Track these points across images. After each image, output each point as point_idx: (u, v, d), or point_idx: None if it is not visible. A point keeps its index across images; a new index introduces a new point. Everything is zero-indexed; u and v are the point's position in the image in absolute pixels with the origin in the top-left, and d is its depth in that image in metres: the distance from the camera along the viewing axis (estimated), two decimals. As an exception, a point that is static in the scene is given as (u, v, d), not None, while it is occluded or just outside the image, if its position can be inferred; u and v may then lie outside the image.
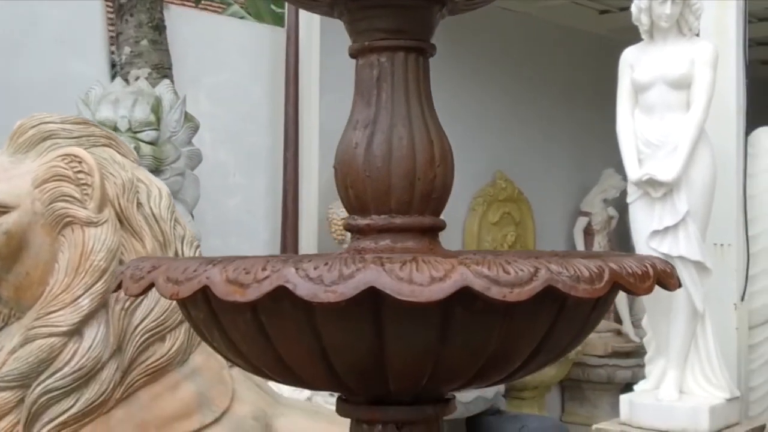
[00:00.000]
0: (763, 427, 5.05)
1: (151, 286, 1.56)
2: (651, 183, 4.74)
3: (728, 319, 5.16)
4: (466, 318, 1.49)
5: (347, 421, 3.38)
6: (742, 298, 5.24)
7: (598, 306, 1.64)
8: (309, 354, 1.55)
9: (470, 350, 1.54)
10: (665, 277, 1.60)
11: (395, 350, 1.51)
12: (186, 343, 3.11)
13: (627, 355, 8.96)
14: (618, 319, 9.32)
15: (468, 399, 6.24)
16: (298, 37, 6.91)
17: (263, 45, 7.08)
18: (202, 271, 1.48)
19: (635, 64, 4.91)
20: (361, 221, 1.77)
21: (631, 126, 4.88)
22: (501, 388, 7.15)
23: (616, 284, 1.50)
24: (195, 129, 5.80)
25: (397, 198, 1.74)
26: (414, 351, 1.52)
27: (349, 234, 1.82)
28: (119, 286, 1.66)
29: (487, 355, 1.55)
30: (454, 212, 7.88)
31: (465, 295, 1.41)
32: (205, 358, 3.16)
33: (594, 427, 5.09)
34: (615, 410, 8.49)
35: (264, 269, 1.43)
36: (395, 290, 1.38)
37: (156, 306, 3.04)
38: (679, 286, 1.67)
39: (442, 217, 1.82)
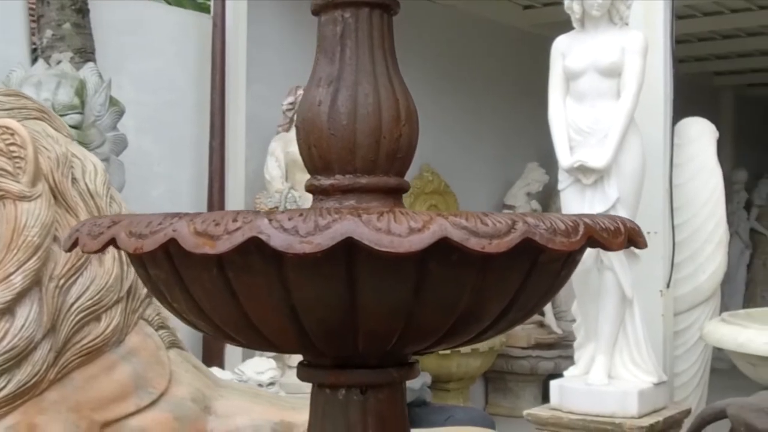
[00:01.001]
0: (689, 411, 5.15)
1: (111, 242, 1.49)
2: (582, 170, 4.79)
3: (655, 306, 5.24)
4: (441, 272, 1.46)
5: (288, 402, 3.32)
6: (668, 285, 5.33)
7: (567, 264, 1.63)
8: (277, 311, 1.50)
9: (443, 306, 1.51)
10: (634, 235, 1.60)
11: (368, 306, 1.47)
12: (122, 322, 3.03)
13: (549, 346, 9.07)
14: (540, 312, 9.43)
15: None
16: (225, 25, 6.81)
17: (189, 32, 6.95)
18: (168, 224, 1.42)
19: (567, 52, 4.95)
20: (325, 181, 1.73)
21: (562, 113, 4.92)
22: (427, 379, 7.15)
23: (591, 238, 1.48)
24: (120, 114, 5.67)
25: (362, 157, 1.70)
26: (387, 307, 1.48)
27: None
28: (74, 245, 1.58)
29: (460, 311, 1.52)
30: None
31: (441, 248, 1.38)
32: (142, 338, 3.08)
33: (525, 412, 5.11)
34: (538, 401, 8.60)
35: (235, 221, 1.38)
36: (374, 241, 1.34)
37: (92, 284, 2.95)
38: (646, 246, 1.67)
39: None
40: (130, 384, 3.02)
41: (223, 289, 1.50)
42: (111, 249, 3.02)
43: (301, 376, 1.75)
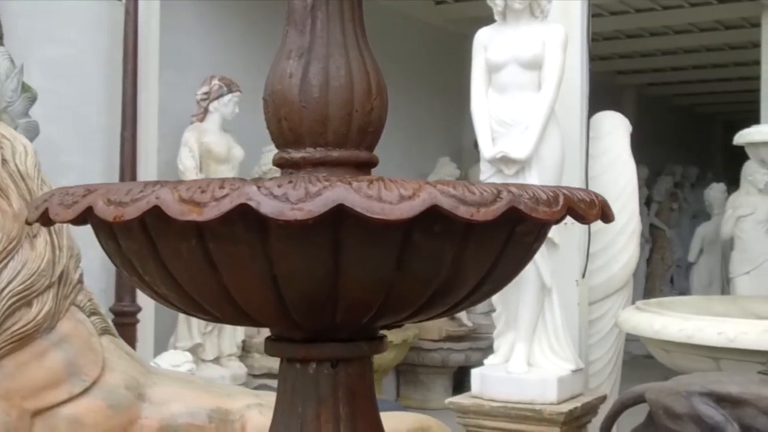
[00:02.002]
0: (604, 397, 5.27)
1: (88, 210, 1.45)
2: (504, 160, 4.85)
3: (571, 295, 5.34)
4: (424, 243, 1.46)
5: (222, 389, 3.28)
6: (583, 275, 5.45)
7: (539, 237, 1.65)
8: (258, 282, 1.48)
9: (423, 277, 1.52)
10: (606, 207, 1.63)
11: (351, 277, 1.47)
12: (54, 308, 2.94)
13: (460, 339, 9.17)
14: (451, 305, 9.50)
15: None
16: (137, 12, 6.67)
17: (100, 18, 6.79)
18: (150, 192, 1.39)
19: (489, 44, 5.01)
20: (296, 154, 1.72)
21: (484, 105, 4.98)
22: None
23: (570, 209, 1.51)
24: (33, 100, 5.49)
25: (334, 130, 1.69)
26: (370, 278, 1.48)
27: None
28: (43, 216, 1.53)
29: (439, 282, 1.53)
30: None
31: (426, 218, 1.39)
32: (74, 325, 3.00)
33: (447, 401, 5.16)
34: (448, 393, 8.69)
35: (222, 188, 1.36)
36: (365, 208, 1.34)
37: (23, 269, 2.86)
38: (614, 219, 1.70)
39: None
40: (62, 371, 2.94)
41: (202, 260, 1.48)
42: (42, 233, 2.94)
43: (270, 351, 1.74)
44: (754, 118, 6.83)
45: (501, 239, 1.54)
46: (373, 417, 1.75)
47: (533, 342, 5.04)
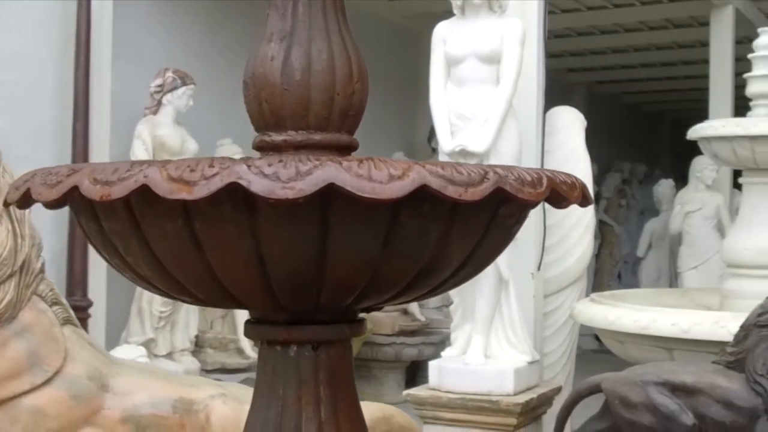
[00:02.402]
0: (559, 388, 5.33)
1: (73, 190, 1.43)
2: (463, 153, 4.87)
3: (526, 288, 5.39)
4: (411, 223, 1.48)
5: (185, 380, 3.26)
6: (539, 268, 5.50)
7: (520, 219, 1.67)
8: (245, 263, 1.48)
9: (408, 257, 1.53)
10: (585, 190, 1.65)
11: (338, 257, 1.48)
12: (15, 298, 2.91)
13: (413, 333, 9.20)
14: (404, 299, 9.54)
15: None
16: (90, 5, 6.59)
17: (53, 11, 6.69)
18: (138, 171, 1.38)
19: (447, 38, 5.03)
20: (277, 137, 1.72)
21: (443, 98, 5.00)
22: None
23: (553, 190, 1.53)
24: (-16, 91, 5.42)
25: (316, 113, 1.70)
26: (356, 258, 1.49)
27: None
28: (24, 197, 1.52)
29: (423, 263, 1.54)
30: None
31: (414, 199, 1.40)
32: (36, 315, 2.97)
33: (405, 393, 5.18)
34: (401, 387, 8.70)
35: (212, 166, 1.36)
36: (356, 187, 1.35)
37: (-17, 258, 2.82)
38: (593, 202, 1.73)
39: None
40: (24, 361, 2.91)
41: (188, 240, 1.47)
42: (4, 221, 2.90)
43: (251, 334, 1.74)
44: (701, 116, 6.95)
45: (485, 221, 1.55)
46: (353, 399, 1.76)
47: (490, 334, 5.08)
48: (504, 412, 4.83)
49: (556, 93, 5.87)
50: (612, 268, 12.56)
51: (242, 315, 7.62)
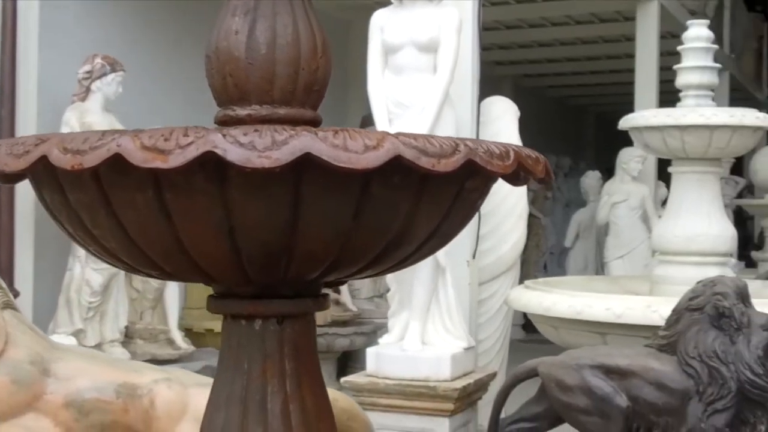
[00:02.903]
0: (494, 374, 5.40)
1: (41, 159, 1.41)
2: (400, 141, 4.89)
3: (462, 275, 5.45)
4: (382, 194, 1.49)
5: (128, 364, 3.23)
6: (474, 256, 5.56)
7: (483, 194, 1.70)
8: (215, 234, 1.48)
9: (378, 229, 1.54)
10: (547, 166, 1.68)
11: (309, 228, 1.48)
12: (-46, 282, 2.84)
13: (345, 324, 9.21)
14: (336, 289, 9.57)
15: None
16: (16, -12, 6.45)
17: (-23, -7, 6.54)
18: (110, 139, 1.37)
19: (385, 26, 5.05)
20: (241, 111, 1.71)
21: (381, 86, 5.02)
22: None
23: (520, 164, 1.56)
24: None
25: (281, 87, 1.69)
26: (327, 230, 1.50)
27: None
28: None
29: (392, 235, 1.56)
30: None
31: (385, 170, 1.42)
32: (-25, 299, 2.91)
33: (342, 380, 5.19)
34: (332, 377, 8.71)
35: (186, 135, 1.35)
36: (332, 157, 1.35)
37: (-77, 239, 2.75)
38: (554, 178, 1.76)
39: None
40: (-36, 346, 2.85)
41: (157, 211, 1.46)
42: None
43: (214, 308, 1.73)
44: (625, 110, 7.08)
45: (452, 193, 1.57)
46: (317, 373, 1.77)
47: (427, 321, 5.12)
48: (441, 397, 4.87)
49: (484, 85, 5.93)
50: (538, 259, 12.73)
51: (173, 305, 7.53)
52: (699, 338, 4.01)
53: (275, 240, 1.49)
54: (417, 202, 1.53)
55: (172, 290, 7.37)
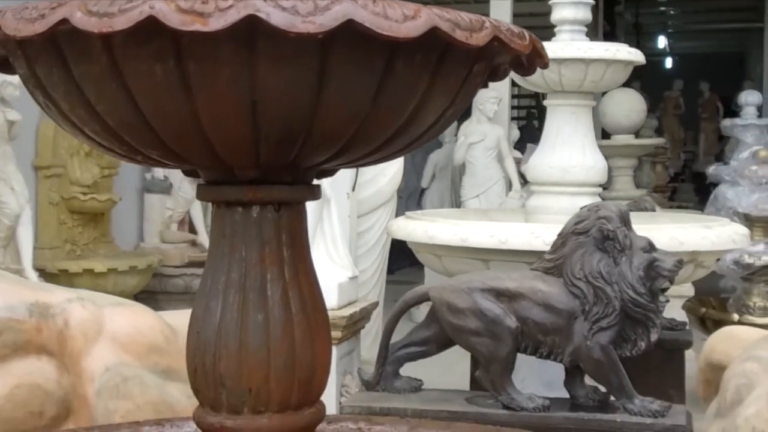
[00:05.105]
0: (376, 303, 5.46)
1: (62, 23, 1.32)
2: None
3: (343, 208, 5.46)
4: (404, 72, 1.48)
5: (37, 284, 3.09)
6: (353, 188, 5.58)
7: (483, 81, 1.71)
8: (236, 109, 1.43)
9: (394, 110, 1.53)
10: (538, 44, 1.66)
11: (331, 105, 1.45)
12: None
13: (202, 264, 9.07)
14: (193, 230, 9.43)
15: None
16: None
17: None
18: (142, 1, 1.30)
19: None
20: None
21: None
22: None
23: (534, 47, 1.58)
24: None
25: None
26: (348, 107, 1.48)
27: None
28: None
29: (406, 116, 1.55)
30: (28, 116, 7.41)
31: (410, 46, 1.41)
32: None
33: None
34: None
35: (224, -1, 1.30)
36: (374, 24, 1.33)
37: None
38: (547, 61, 1.75)
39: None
40: None
41: (177, 84, 1.40)
42: None
43: (208, 195, 1.68)
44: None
45: (461, 77, 1.58)
46: (310, 263, 1.76)
47: (312, 250, 5.12)
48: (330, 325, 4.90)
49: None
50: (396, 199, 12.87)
51: (26, 244, 7.21)
52: (585, 260, 4.17)
53: (297, 116, 1.46)
54: (432, 84, 1.52)
55: (26, 229, 7.09)
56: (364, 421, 2.19)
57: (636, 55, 5.27)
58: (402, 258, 8.83)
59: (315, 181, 1.75)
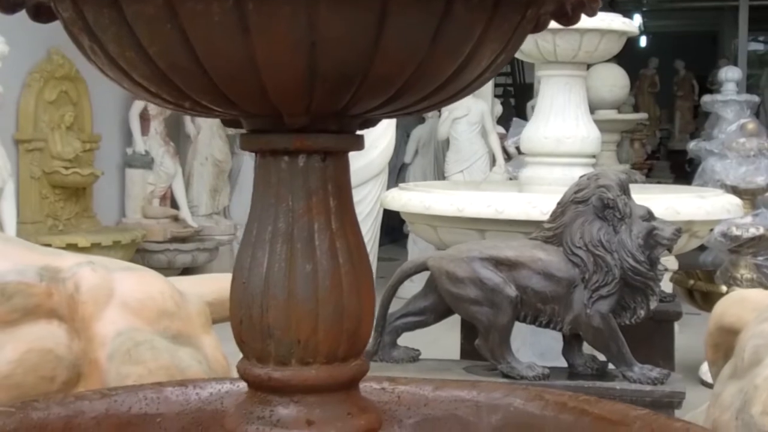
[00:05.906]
0: (370, 274, 5.43)
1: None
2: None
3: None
4: (462, 14, 1.45)
5: (45, 249, 3.05)
6: (345, 159, 5.56)
7: (535, 27, 1.69)
8: (294, 50, 1.40)
9: (449, 54, 1.50)
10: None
11: (390, 47, 1.42)
12: None
13: (185, 240, 9.07)
14: (175, 206, 9.38)
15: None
16: None
17: None
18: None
19: None
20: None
21: None
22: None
23: (587, -8, 1.56)
24: None
25: None
26: (407, 50, 1.45)
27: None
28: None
29: (459, 62, 1.53)
30: (9, 89, 7.31)
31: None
32: None
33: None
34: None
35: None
36: (442, -41, 1.31)
37: None
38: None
39: None
40: None
41: (234, 25, 1.37)
42: None
43: (251, 145, 1.65)
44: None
45: (515, 22, 1.56)
46: (354, 214, 1.74)
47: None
48: (325, 296, 4.88)
49: None
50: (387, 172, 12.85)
51: (10, 218, 7.12)
52: (584, 229, 4.18)
53: (355, 59, 1.43)
54: (487, 28, 1.50)
55: (9, 203, 7.00)
56: (387, 381, 2.18)
57: (630, 26, 5.28)
58: (383, 234, 8.82)
59: (358, 132, 1.72)
